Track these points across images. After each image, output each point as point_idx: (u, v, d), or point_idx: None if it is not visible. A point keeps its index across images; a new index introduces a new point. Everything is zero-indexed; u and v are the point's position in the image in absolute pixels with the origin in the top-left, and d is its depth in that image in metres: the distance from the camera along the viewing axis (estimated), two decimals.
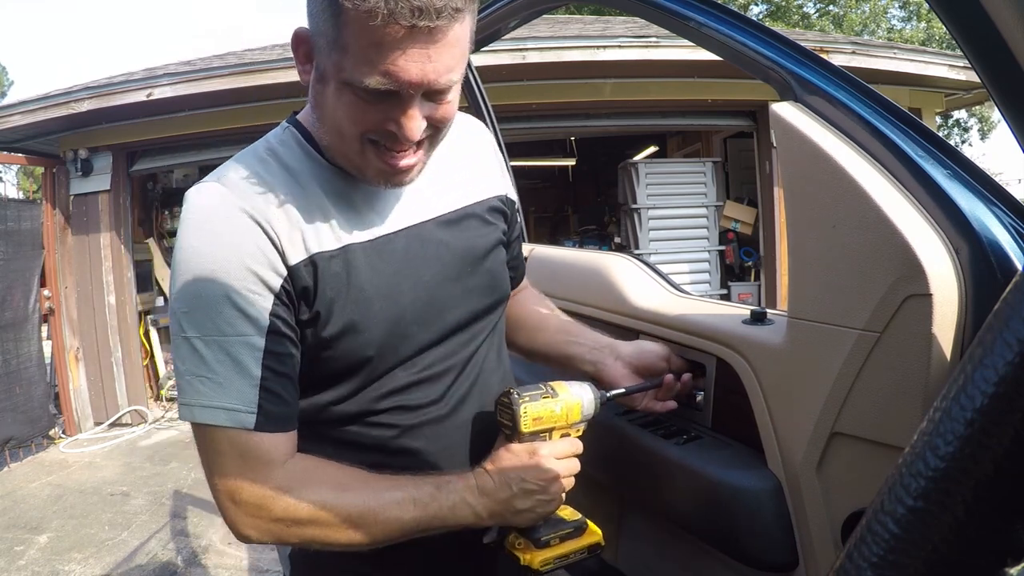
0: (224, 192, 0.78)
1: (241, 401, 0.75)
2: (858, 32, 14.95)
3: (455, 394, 0.90)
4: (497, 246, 0.97)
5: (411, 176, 0.81)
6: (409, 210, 0.88)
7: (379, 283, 0.83)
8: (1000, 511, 0.37)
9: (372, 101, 0.72)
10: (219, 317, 0.74)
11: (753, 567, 0.95)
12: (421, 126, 0.75)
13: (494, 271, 0.96)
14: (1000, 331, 0.37)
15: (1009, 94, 0.44)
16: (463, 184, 0.95)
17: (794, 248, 0.86)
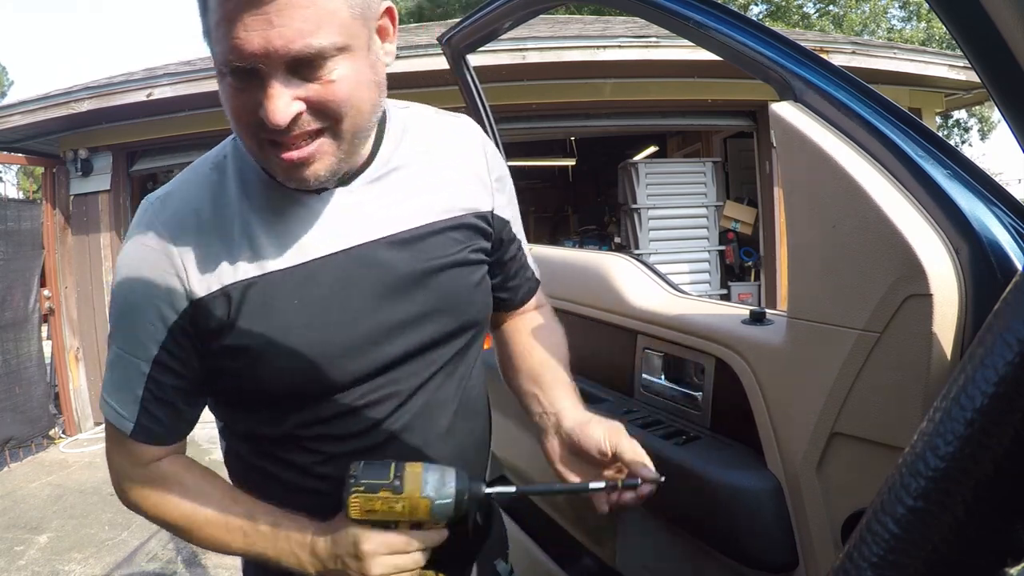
0: (159, 214, 0.78)
1: (125, 408, 0.80)
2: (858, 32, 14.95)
3: (390, 426, 0.83)
4: (463, 267, 0.86)
5: (317, 171, 0.72)
6: (354, 228, 0.80)
7: (303, 312, 0.77)
8: (1000, 511, 0.37)
9: (239, 86, 0.67)
10: (122, 332, 0.79)
11: (753, 567, 0.95)
12: (287, 107, 0.66)
13: (456, 294, 0.86)
14: (1000, 331, 0.37)
15: (1009, 94, 0.44)
16: (430, 197, 0.84)
17: (794, 248, 0.86)
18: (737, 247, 6.36)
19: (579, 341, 1.42)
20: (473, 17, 1.47)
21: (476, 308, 0.90)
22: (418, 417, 0.85)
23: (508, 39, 4.47)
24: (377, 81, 0.73)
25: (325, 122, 0.70)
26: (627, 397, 1.26)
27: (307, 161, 0.70)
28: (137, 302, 0.77)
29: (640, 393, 1.23)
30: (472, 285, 0.88)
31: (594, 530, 1.38)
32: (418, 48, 4.90)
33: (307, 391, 0.80)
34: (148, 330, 0.77)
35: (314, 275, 0.77)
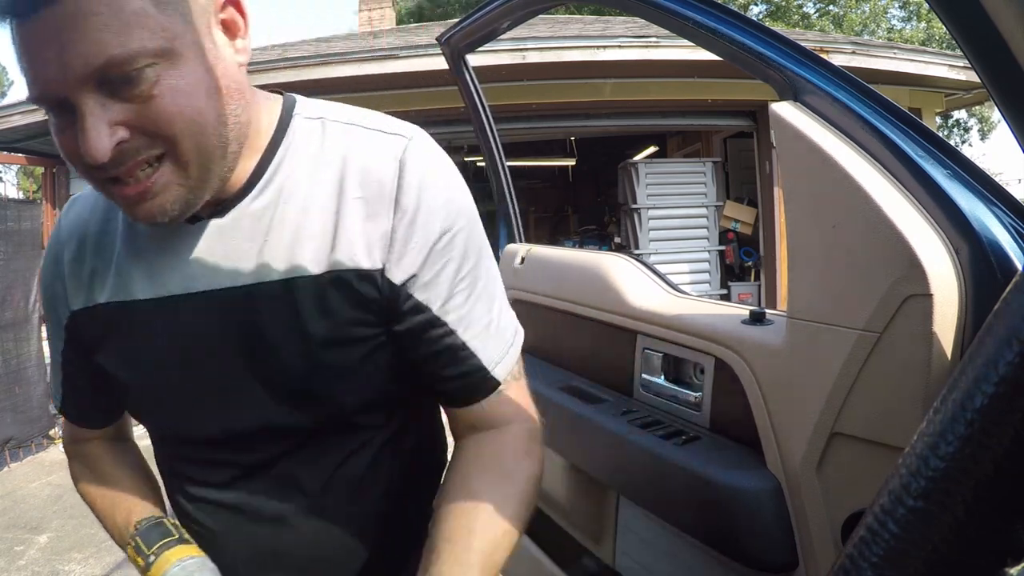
0: (64, 216, 0.77)
1: (56, 388, 0.84)
2: (858, 32, 14.96)
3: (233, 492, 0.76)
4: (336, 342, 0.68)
5: (163, 205, 0.60)
6: (218, 269, 0.68)
7: (154, 348, 0.71)
8: (1000, 511, 0.37)
9: (59, 124, 0.58)
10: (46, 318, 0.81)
11: (753, 568, 0.95)
12: (104, 139, 0.55)
13: (316, 373, 0.69)
14: (1000, 331, 0.37)
15: (1009, 94, 0.44)
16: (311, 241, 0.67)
17: (794, 248, 0.86)
18: (737, 247, 6.37)
19: (579, 341, 1.43)
20: (472, 17, 1.47)
21: (347, 397, 0.72)
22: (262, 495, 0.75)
23: (508, 39, 4.48)
24: (221, 87, 0.60)
25: (160, 146, 0.58)
26: (627, 397, 1.26)
27: (145, 196, 0.59)
28: (45, 297, 0.79)
29: (640, 393, 1.23)
30: (341, 364, 0.70)
31: (594, 530, 1.38)
32: (418, 48, 4.90)
33: (156, 426, 0.79)
34: (54, 322, 0.79)
35: (173, 312, 0.69)
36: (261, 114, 0.69)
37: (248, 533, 0.76)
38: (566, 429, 1.30)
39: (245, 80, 0.64)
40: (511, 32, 1.59)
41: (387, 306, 0.69)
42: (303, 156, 0.69)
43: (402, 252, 0.67)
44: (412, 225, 0.67)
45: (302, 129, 0.70)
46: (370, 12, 9.84)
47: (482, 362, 0.72)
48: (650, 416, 1.16)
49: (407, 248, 0.67)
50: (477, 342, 0.72)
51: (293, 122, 0.70)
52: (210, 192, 0.63)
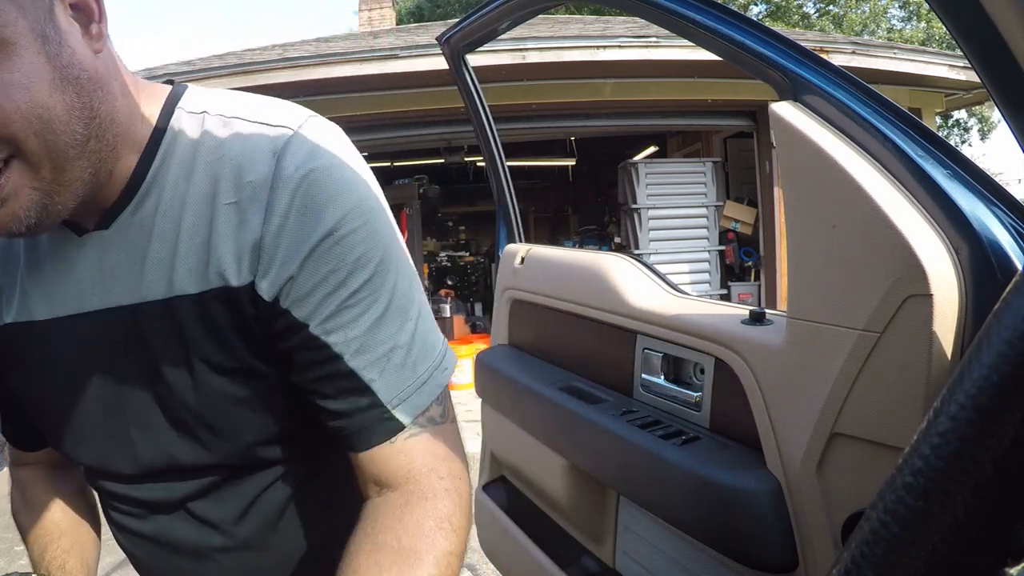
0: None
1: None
2: (858, 32, 14.96)
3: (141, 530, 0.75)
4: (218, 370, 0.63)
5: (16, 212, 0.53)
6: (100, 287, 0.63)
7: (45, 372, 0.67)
8: (1000, 511, 0.37)
9: None
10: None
11: (753, 568, 0.95)
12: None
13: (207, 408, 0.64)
14: (1000, 331, 0.37)
15: (1009, 94, 0.44)
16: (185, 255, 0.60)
17: (794, 248, 0.86)
18: (737, 247, 6.37)
19: (579, 341, 1.43)
20: (472, 17, 1.47)
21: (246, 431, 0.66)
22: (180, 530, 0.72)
23: (508, 39, 4.48)
24: (69, 77, 0.53)
25: (3, 148, 0.51)
26: (626, 397, 1.26)
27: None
28: None
29: (639, 393, 1.23)
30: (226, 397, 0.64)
31: (594, 530, 1.38)
32: (418, 48, 4.90)
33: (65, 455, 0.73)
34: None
35: (69, 332, 0.64)
36: (139, 107, 0.61)
37: (172, 565, 0.75)
38: (566, 429, 1.30)
39: (107, 70, 0.57)
40: (511, 32, 1.59)
41: (264, 327, 0.61)
42: (183, 156, 0.61)
43: (270, 262, 0.58)
44: (282, 229, 0.58)
45: (184, 125, 0.62)
46: (370, 12, 9.84)
47: (378, 397, 0.61)
48: (650, 416, 1.16)
49: (276, 255, 0.58)
50: (372, 372, 0.60)
51: (175, 116, 0.62)
52: (74, 197, 0.56)
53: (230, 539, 0.72)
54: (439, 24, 7.87)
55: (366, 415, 0.61)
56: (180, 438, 0.66)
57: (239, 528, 0.71)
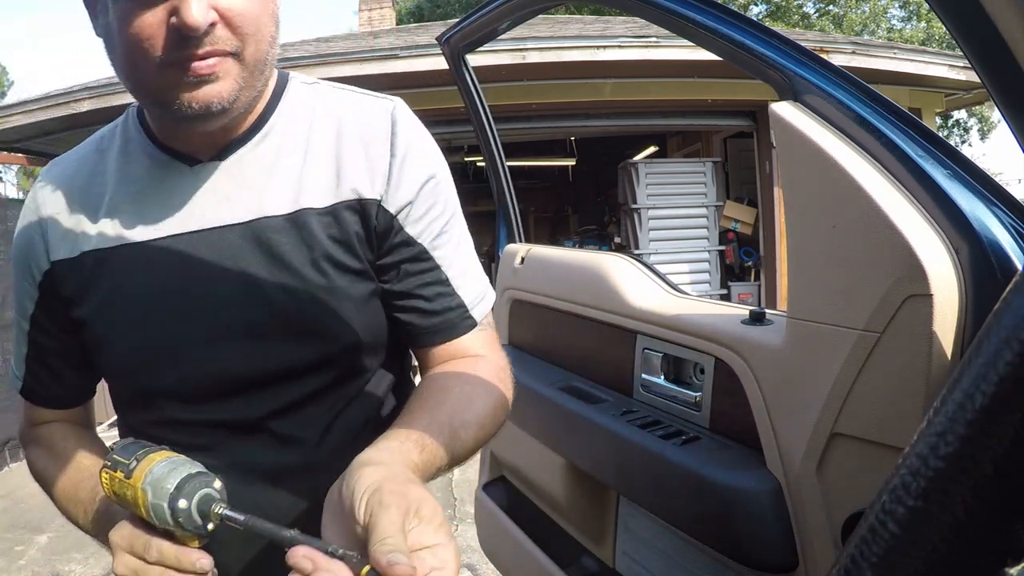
0: (43, 177, 0.80)
1: (17, 366, 0.83)
2: (858, 32, 14.96)
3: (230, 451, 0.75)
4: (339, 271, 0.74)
5: (221, 91, 0.65)
6: (217, 208, 0.73)
7: (145, 293, 0.72)
8: (1000, 511, 0.37)
9: (145, 6, 0.61)
10: (13, 290, 0.81)
11: (753, 568, 0.95)
12: (206, 10, 0.61)
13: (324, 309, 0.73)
14: (1000, 331, 0.37)
15: (1009, 94, 0.44)
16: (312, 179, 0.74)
17: (794, 248, 0.86)
18: (737, 247, 6.37)
19: (579, 341, 1.43)
20: (472, 17, 1.47)
21: (347, 331, 0.74)
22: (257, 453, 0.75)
23: (508, 39, 4.48)
24: (275, 15, 0.69)
25: (233, 44, 0.65)
26: (626, 397, 1.26)
27: (212, 76, 0.65)
28: (17, 259, 0.79)
29: (639, 393, 1.23)
30: (340, 299, 0.74)
31: (594, 530, 1.38)
32: (418, 48, 4.90)
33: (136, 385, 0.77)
34: (25, 288, 0.78)
35: (168, 252, 0.72)
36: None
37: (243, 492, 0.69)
38: (566, 429, 1.30)
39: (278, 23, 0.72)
40: (511, 32, 1.59)
41: (381, 237, 0.76)
42: (301, 111, 0.77)
43: (397, 185, 0.75)
44: (404, 164, 0.75)
45: (298, 90, 0.79)
46: (370, 12, 9.84)
47: (463, 300, 0.79)
48: (650, 416, 1.16)
49: (401, 182, 0.75)
50: (460, 281, 0.79)
51: (290, 83, 0.79)
52: (246, 103, 0.69)
53: (308, 459, 0.76)
54: (439, 24, 7.87)
55: (454, 313, 0.79)
56: (283, 342, 0.73)
57: (319, 448, 0.76)
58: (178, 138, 0.74)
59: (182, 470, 0.59)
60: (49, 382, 0.82)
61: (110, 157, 0.77)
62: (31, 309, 0.79)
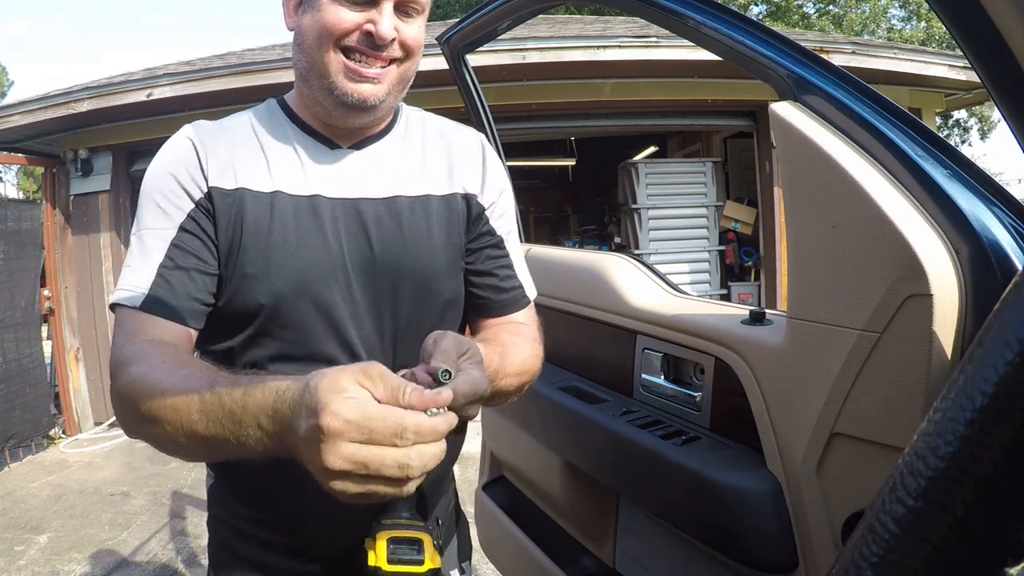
0: (194, 126, 0.90)
1: (139, 283, 0.83)
2: (858, 32, 14.95)
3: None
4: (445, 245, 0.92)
5: (377, 92, 0.86)
6: (357, 184, 0.90)
7: (293, 238, 0.85)
8: (1000, 511, 0.37)
9: (354, 6, 0.82)
10: (148, 213, 0.86)
11: (753, 568, 0.95)
12: (393, 28, 0.83)
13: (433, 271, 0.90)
14: (1000, 331, 0.37)
15: (1009, 94, 0.44)
16: (429, 171, 0.95)
17: (794, 248, 0.86)
18: (737, 247, 6.36)
19: (579, 341, 1.43)
20: (472, 17, 1.47)
21: (448, 288, 0.94)
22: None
23: (508, 39, 4.47)
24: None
25: (398, 54, 0.86)
26: (626, 397, 1.26)
27: (376, 79, 0.85)
28: (162, 181, 0.85)
29: (640, 393, 1.23)
30: (447, 263, 0.93)
31: (594, 530, 1.38)
32: None
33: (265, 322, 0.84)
34: (173, 201, 0.85)
35: (316, 209, 0.87)
36: None
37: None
38: (566, 429, 1.30)
39: None
40: (511, 32, 1.59)
41: (473, 224, 0.97)
42: (414, 124, 0.99)
43: (487, 188, 0.98)
44: (490, 174, 0.99)
45: (409, 111, 1.01)
46: None
47: (522, 283, 1.02)
48: (650, 416, 1.16)
49: (489, 187, 0.98)
50: (520, 268, 1.03)
51: (402, 107, 1.00)
52: (389, 109, 0.92)
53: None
54: (439, 24, 7.86)
55: (516, 292, 1.01)
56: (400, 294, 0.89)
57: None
58: (325, 126, 0.91)
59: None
60: (180, 289, 0.82)
61: (259, 126, 0.91)
62: (180, 218, 0.84)
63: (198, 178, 0.86)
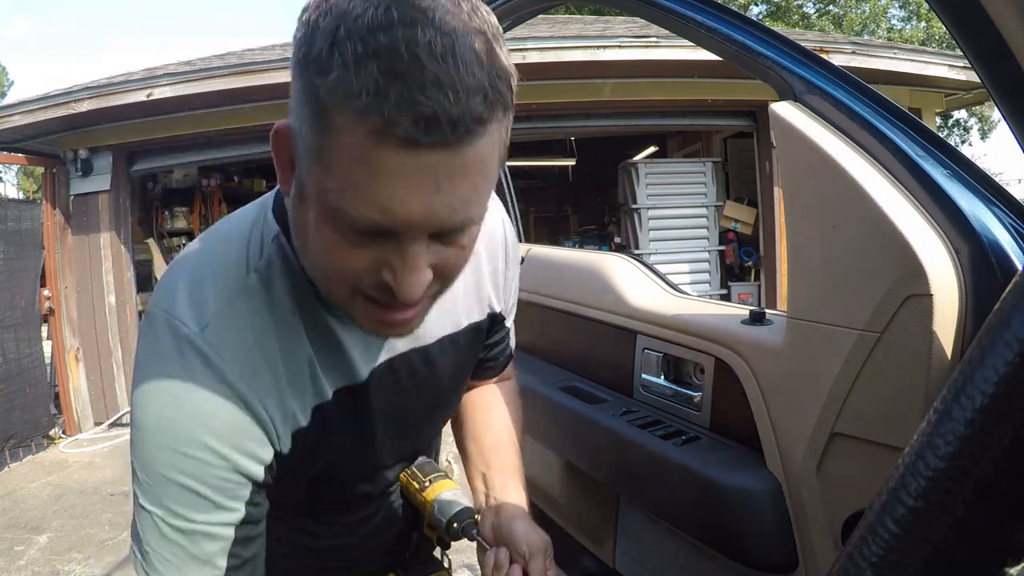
0: (212, 344, 0.62)
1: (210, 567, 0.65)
2: (858, 32, 14.95)
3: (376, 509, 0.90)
4: (470, 369, 0.91)
5: (412, 327, 0.64)
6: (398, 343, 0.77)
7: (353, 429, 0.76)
8: (1000, 511, 0.37)
9: (362, 240, 0.54)
10: (184, 503, 0.62)
11: (753, 568, 0.95)
12: (425, 279, 0.57)
13: (456, 396, 0.93)
14: (1000, 331, 0.37)
15: (1009, 94, 0.44)
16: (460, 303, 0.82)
17: (794, 248, 0.86)
18: (737, 247, 6.36)
19: (579, 341, 1.43)
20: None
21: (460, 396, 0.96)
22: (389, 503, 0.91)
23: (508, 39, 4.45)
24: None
25: (435, 289, 0.61)
26: (626, 397, 1.26)
27: (411, 321, 0.62)
28: (210, 464, 0.62)
29: (639, 393, 1.23)
30: (465, 380, 0.92)
31: (594, 530, 1.38)
32: None
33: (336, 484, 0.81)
34: (228, 491, 0.64)
35: (365, 390, 0.74)
36: None
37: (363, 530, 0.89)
38: (566, 429, 1.30)
39: None
40: (511, 32, 1.59)
41: (491, 331, 0.92)
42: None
43: (507, 288, 0.90)
44: (512, 268, 0.90)
45: None
46: None
47: (511, 350, 1.01)
48: (650, 416, 1.16)
49: (508, 284, 0.91)
50: (513, 331, 0.99)
51: None
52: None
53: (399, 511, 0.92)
54: None
55: (508, 358, 1.00)
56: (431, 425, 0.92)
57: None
58: None
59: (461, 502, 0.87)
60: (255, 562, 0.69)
61: (282, 302, 0.67)
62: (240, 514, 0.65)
63: (263, 452, 0.65)
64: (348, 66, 0.48)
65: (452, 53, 0.48)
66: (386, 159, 0.50)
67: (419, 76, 0.47)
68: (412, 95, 0.47)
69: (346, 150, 0.50)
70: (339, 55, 0.48)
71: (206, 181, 6.88)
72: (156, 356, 0.63)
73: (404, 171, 0.50)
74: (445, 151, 0.50)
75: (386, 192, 0.51)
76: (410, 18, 0.48)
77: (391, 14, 0.48)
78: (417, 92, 0.47)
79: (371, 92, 0.48)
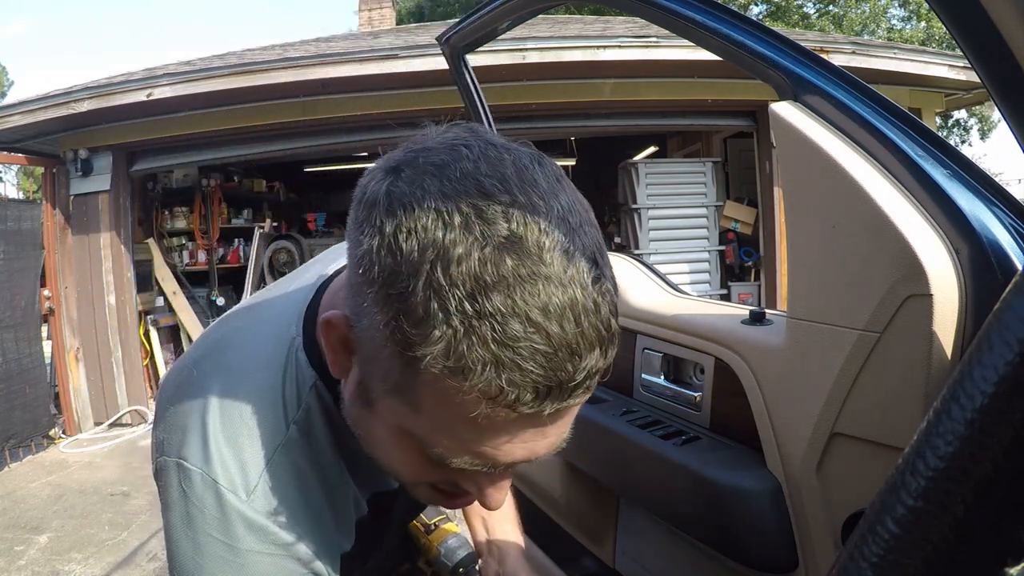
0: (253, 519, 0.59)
1: None
2: (858, 32, 14.95)
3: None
4: None
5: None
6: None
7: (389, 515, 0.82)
8: (999, 511, 0.37)
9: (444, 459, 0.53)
10: None
11: (753, 568, 0.95)
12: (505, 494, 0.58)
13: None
14: (1000, 331, 0.37)
15: (1009, 94, 0.44)
16: None
17: (794, 248, 0.86)
18: (737, 247, 6.36)
19: None
20: (472, 17, 1.47)
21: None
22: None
23: (508, 39, 4.47)
24: None
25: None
26: (626, 397, 1.26)
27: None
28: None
29: (640, 393, 1.23)
30: None
31: (594, 530, 1.38)
32: (418, 48, 4.90)
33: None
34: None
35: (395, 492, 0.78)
36: None
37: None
38: None
39: None
40: (511, 32, 1.59)
41: None
42: None
43: None
44: None
45: None
46: (370, 12, 9.83)
47: None
48: (650, 416, 1.16)
49: None
50: None
51: None
52: None
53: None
54: (439, 24, 7.86)
55: None
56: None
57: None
58: None
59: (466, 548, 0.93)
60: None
61: (323, 451, 0.65)
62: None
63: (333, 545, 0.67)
64: (456, 331, 0.43)
65: (571, 308, 0.44)
66: (494, 419, 0.46)
67: (540, 343, 0.43)
68: (531, 367, 0.43)
69: (445, 407, 0.47)
70: (441, 314, 0.43)
71: (206, 181, 6.89)
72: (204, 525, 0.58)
73: (513, 429, 0.48)
74: (558, 412, 0.48)
75: (490, 445, 0.49)
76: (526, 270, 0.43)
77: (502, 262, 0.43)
78: (537, 363, 0.43)
79: (484, 366, 0.43)
